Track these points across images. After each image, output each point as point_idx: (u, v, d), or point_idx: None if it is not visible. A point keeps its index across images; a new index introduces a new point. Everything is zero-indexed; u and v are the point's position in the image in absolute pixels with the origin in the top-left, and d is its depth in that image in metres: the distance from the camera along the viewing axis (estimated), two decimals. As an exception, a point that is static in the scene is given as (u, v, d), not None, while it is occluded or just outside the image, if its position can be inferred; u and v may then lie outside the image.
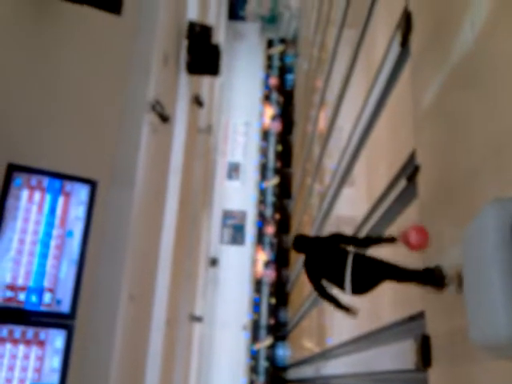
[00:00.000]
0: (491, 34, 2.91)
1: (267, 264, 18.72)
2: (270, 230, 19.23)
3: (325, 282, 3.52)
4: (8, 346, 3.63)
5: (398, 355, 4.18)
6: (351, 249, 3.49)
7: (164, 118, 7.13)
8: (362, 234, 5.90)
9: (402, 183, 4.37)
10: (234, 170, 19.95)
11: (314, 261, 3.52)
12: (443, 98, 3.60)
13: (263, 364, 17.59)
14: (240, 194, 19.55)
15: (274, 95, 21.52)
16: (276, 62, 22.12)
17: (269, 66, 22.00)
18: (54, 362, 3.74)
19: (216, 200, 18.37)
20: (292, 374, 15.53)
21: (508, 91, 2.64)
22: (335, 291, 3.53)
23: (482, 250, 1.73)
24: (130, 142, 5.69)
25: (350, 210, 7.45)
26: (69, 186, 4.13)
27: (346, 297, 3.46)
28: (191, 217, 11.21)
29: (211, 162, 16.88)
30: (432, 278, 3.22)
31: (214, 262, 17.63)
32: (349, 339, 6.64)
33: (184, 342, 10.93)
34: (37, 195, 3.96)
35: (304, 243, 3.67)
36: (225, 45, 16.94)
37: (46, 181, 4.04)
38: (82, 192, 4.19)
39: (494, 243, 1.63)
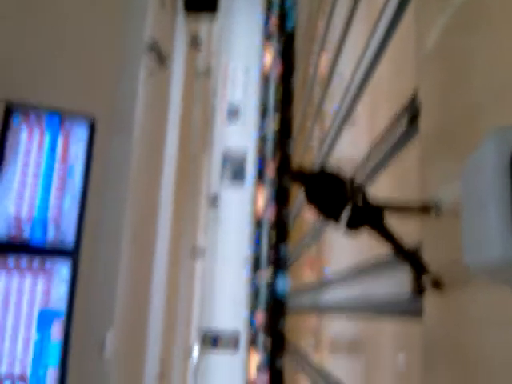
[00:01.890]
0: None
1: (267, 202, 19.02)
2: (270, 169, 19.39)
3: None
4: (15, 275, 3.75)
5: (395, 282, 4.33)
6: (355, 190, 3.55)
7: (162, 60, 7.02)
8: (364, 172, 5.92)
9: (404, 122, 4.37)
10: (233, 114, 19.78)
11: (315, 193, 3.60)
12: (446, 37, 3.54)
13: (264, 292, 18.30)
14: (240, 135, 19.51)
15: (275, 37, 20.99)
16: (276, 2, 21.42)
17: (269, 7, 21.31)
18: (61, 289, 3.88)
19: (216, 141, 18.38)
20: (292, 301, 16.08)
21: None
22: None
23: (480, 177, 1.76)
24: (128, 84, 5.64)
25: (350, 151, 7.46)
26: (68, 123, 4.13)
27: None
28: (191, 159, 11.24)
29: (210, 106, 16.72)
30: (428, 211, 3.34)
31: (214, 201, 17.92)
32: (346, 268, 6.84)
33: (187, 274, 11.28)
34: (36, 132, 3.97)
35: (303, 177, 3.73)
36: (224, -17, 16.36)
37: (45, 117, 4.04)
38: (81, 128, 4.20)
39: (492, 170, 1.66)
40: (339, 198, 3.46)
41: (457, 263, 2.18)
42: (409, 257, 3.41)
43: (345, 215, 3.38)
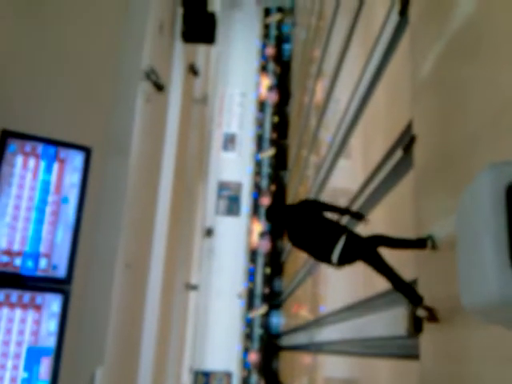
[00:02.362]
0: (491, 2, 2.88)
1: (262, 235, 18.82)
2: (265, 201, 19.27)
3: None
4: (5, 310, 3.67)
5: (391, 322, 4.25)
6: (343, 223, 3.54)
7: (159, 87, 7.06)
8: (357, 204, 5.91)
9: (398, 154, 4.37)
10: (229, 141, 19.84)
11: (297, 230, 3.54)
12: (442, 67, 3.57)
13: (258, 331, 17.92)
14: (236, 166, 19.51)
15: (271, 65, 21.24)
16: (273, 32, 21.74)
17: (266, 36, 21.63)
18: (51, 325, 3.79)
19: (212, 171, 18.33)
20: (286, 340, 15.82)
21: (507, 60, 2.62)
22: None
23: (475, 215, 1.73)
24: (124, 111, 5.64)
25: (345, 182, 7.46)
26: (63, 152, 4.11)
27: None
28: (187, 187, 11.21)
29: (207, 133, 16.77)
30: (423, 244, 3.31)
31: (209, 233, 17.72)
32: (342, 307, 6.74)
33: (180, 310, 11.08)
34: (31, 162, 3.94)
35: (281, 213, 3.65)
36: (221, 13, 16.63)
37: (40, 147, 4.02)
38: (76, 159, 4.17)
39: (487, 208, 1.64)
40: (327, 234, 3.40)
41: (453, 299, 2.14)
42: (404, 287, 3.35)
43: (337, 251, 3.31)
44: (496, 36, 2.78)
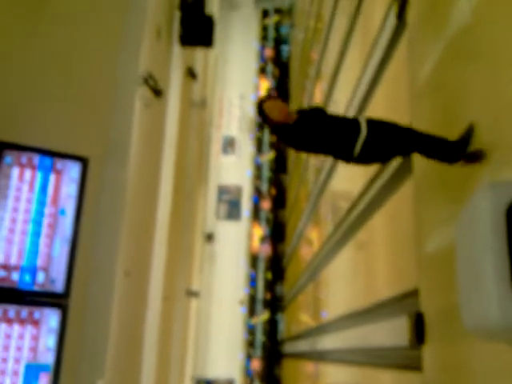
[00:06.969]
0: (488, 5, 2.84)
1: (263, 239, 18.71)
2: (265, 205, 19.16)
3: None
4: (2, 325, 3.63)
5: (393, 332, 4.20)
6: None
7: (157, 92, 7.03)
8: (359, 208, 5.87)
9: (398, 159, 4.32)
10: (229, 145, 19.77)
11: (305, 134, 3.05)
12: (440, 71, 3.53)
13: (260, 338, 17.81)
14: (235, 169, 19.43)
15: (270, 67, 21.18)
16: (271, 33, 21.68)
17: (264, 37, 21.58)
18: (49, 341, 3.75)
19: (211, 175, 18.27)
20: (288, 348, 15.74)
21: (506, 64, 2.59)
22: None
23: (474, 235, 1.69)
24: (122, 118, 5.62)
25: (345, 185, 7.42)
26: (60, 163, 4.08)
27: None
28: (186, 192, 11.17)
29: (206, 137, 16.73)
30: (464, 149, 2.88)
31: (210, 238, 17.65)
32: (344, 315, 6.69)
33: (181, 318, 11.04)
34: (27, 173, 3.91)
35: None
36: (218, 15, 16.58)
37: (36, 158, 3.99)
38: (73, 169, 4.14)
39: (487, 229, 1.60)
40: (343, 129, 3.01)
41: (456, 309, 2.10)
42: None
43: (359, 143, 2.97)
44: (495, 40, 2.74)
